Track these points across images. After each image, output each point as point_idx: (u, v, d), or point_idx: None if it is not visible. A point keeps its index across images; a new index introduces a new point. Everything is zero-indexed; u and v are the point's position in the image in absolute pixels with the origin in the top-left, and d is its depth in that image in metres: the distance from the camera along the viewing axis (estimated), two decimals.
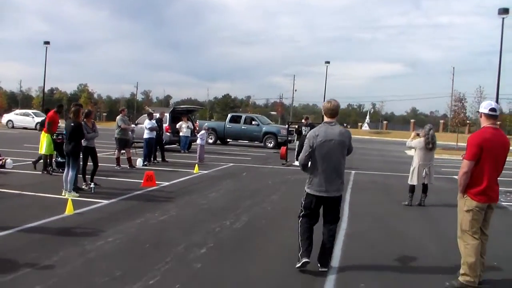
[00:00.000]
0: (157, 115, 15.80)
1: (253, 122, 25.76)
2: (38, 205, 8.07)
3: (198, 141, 15.97)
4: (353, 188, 11.54)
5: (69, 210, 7.40)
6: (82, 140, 9.24)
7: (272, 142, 25.12)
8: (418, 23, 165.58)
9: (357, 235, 6.89)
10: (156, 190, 10.07)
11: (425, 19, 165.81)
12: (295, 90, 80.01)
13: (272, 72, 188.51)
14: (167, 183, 10.97)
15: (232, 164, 16.05)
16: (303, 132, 15.84)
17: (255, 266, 5.37)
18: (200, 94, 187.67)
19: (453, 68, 70.27)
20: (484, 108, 4.74)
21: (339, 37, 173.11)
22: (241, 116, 26.88)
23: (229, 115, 27.07)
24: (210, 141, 25.52)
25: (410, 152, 28.32)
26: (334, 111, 5.03)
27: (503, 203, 10.13)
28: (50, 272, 4.84)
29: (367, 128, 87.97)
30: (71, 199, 7.75)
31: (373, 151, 28.26)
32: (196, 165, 13.85)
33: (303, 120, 16.95)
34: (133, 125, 15.04)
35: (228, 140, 26.62)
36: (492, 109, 4.72)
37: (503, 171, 4.98)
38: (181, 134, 18.93)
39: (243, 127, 25.57)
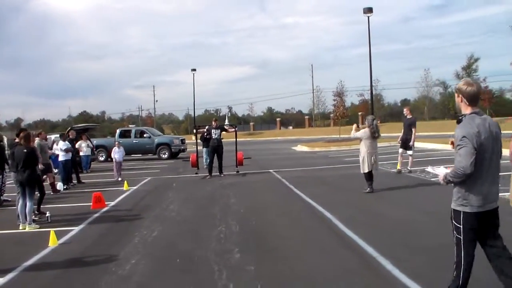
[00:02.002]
0: (69, 135, 14.68)
1: (145, 135, 25.20)
2: (9, 243, 7.18)
3: (117, 158, 15.18)
4: (293, 183, 12.26)
5: (53, 241, 6.82)
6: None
7: (166, 153, 24.92)
8: (265, 25, 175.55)
9: (351, 220, 7.57)
10: (113, 211, 9.60)
11: (272, 20, 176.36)
12: (157, 101, 78.78)
13: (125, 84, 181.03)
14: (113, 203, 10.46)
15: (150, 177, 15.67)
16: (214, 136, 14.91)
17: (309, 259, 5.72)
18: (53, 114, 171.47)
19: (312, 65, 76.92)
20: None
21: (189, 44, 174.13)
22: (131, 130, 26.04)
23: (118, 131, 25.96)
24: (101, 158, 24.30)
25: (297, 148, 30.65)
26: (477, 96, 3.82)
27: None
28: None
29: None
30: (53, 231, 7.05)
31: (264, 151, 29.52)
32: (126, 181, 13.34)
33: (213, 123, 15.60)
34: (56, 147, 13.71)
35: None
36: None
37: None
38: (81, 153, 17.70)
39: (134, 141, 24.76)
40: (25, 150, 7.97)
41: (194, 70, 51.66)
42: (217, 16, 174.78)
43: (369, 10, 29.93)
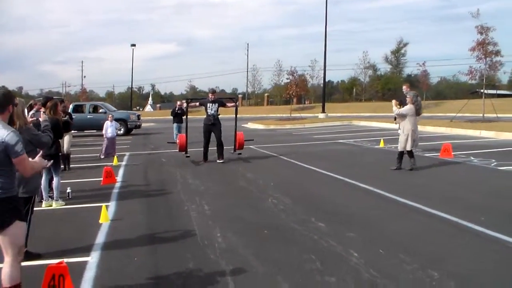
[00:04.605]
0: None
1: (100, 110, 23.70)
2: (49, 222, 6.42)
3: (109, 133, 14.06)
4: (294, 159, 12.21)
5: (105, 218, 6.22)
6: None
7: (122, 129, 23.75)
8: (192, 2, 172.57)
9: (393, 190, 7.73)
10: (130, 186, 8.99)
11: None
12: (84, 77, 74.56)
13: (43, 60, 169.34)
14: (119, 178, 9.76)
15: (128, 153, 14.82)
16: (209, 111, 12.00)
17: (393, 224, 5.83)
18: None
19: (248, 44, 76.23)
20: None
21: (112, 20, 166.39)
22: (84, 105, 24.42)
23: (71, 105, 24.17)
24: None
25: (248, 125, 30.45)
26: None
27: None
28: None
29: (151, 109, 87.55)
30: (104, 205, 6.44)
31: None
32: (115, 157, 12.52)
33: (209, 96, 12.27)
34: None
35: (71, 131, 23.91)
36: None
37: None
38: None
39: (89, 116, 23.23)
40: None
41: (134, 45, 49.30)
42: None
43: None
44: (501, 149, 12.68)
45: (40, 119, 7.40)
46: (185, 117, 17.72)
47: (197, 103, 13.40)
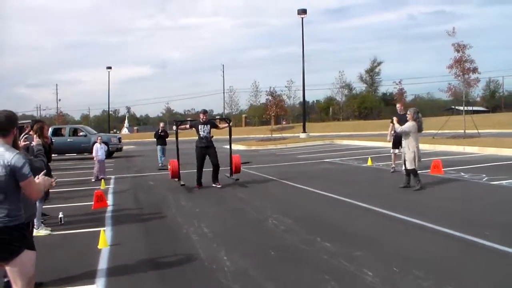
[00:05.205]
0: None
1: (80, 133, 23.28)
2: (44, 249, 6.14)
3: (99, 155, 13.77)
4: (285, 179, 12.16)
5: (103, 244, 6.01)
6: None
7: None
8: (165, 25, 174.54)
9: (392, 207, 7.73)
10: (122, 210, 8.77)
11: (171, 21, 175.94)
12: (59, 100, 73.06)
13: (15, 83, 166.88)
14: (110, 202, 9.51)
15: (114, 176, 14.51)
16: (201, 133, 11.27)
17: (400, 241, 5.79)
18: None
19: (223, 65, 76.51)
20: None
21: (85, 42, 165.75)
22: (64, 128, 23.96)
23: (50, 129, 23.69)
24: None
25: (235, 147, 30.21)
26: None
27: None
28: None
29: (128, 132, 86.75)
30: (102, 229, 6.22)
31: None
32: (103, 180, 12.22)
33: (201, 116, 11.50)
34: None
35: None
36: None
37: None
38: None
39: (69, 140, 22.78)
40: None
41: (110, 68, 49.00)
42: (115, 15, 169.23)
43: (303, 11, 30.96)
44: (488, 164, 12.94)
45: (33, 143, 7.19)
46: (168, 139, 17.64)
47: (187, 125, 12.35)
